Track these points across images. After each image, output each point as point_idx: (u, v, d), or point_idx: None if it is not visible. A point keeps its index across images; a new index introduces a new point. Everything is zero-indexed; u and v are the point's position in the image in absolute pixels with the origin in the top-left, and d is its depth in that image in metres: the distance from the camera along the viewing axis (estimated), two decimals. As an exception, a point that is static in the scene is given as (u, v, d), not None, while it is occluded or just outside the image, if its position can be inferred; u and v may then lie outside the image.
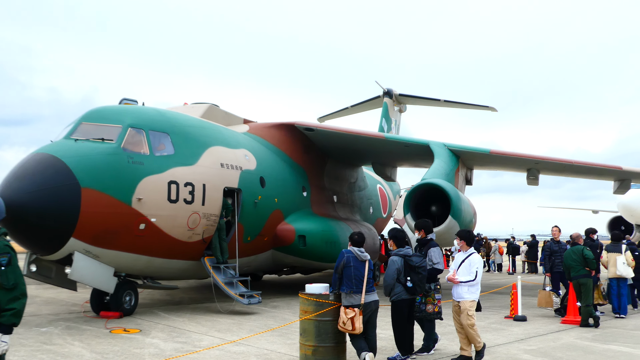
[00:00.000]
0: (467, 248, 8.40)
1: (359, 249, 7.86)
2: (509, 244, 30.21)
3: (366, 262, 7.76)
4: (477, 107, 27.34)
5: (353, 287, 7.56)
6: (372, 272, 7.88)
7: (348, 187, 20.21)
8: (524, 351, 8.99)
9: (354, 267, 7.64)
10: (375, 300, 7.77)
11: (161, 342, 9.24)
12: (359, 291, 7.55)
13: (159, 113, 13.05)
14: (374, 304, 7.76)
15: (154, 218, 11.67)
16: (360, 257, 7.75)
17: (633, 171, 19.08)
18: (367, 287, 7.65)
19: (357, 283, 7.58)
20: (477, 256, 8.28)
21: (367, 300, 7.60)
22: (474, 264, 8.15)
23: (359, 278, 7.60)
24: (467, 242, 8.47)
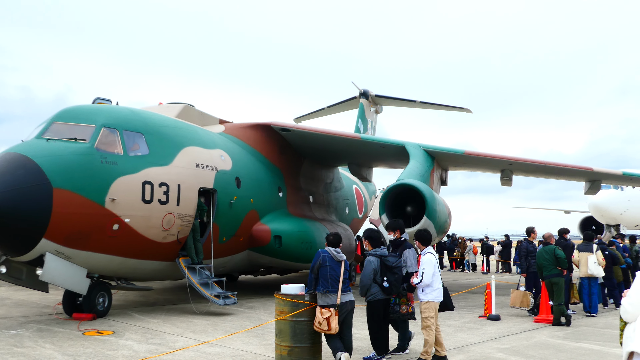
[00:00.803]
0: (423, 248, 8.49)
1: (335, 249, 7.89)
2: (483, 244, 30.54)
3: (342, 263, 7.79)
4: (453, 108, 27.60)
5: (329, 287, 7.58)
6: (348, 272, 7.90)
7: (324, 187, 20.23)
8: (497, 350, 9.10)
9: (330, 267, 7.66)
10: (350, 300, 7.79)
11: (135, 344, 9.14)
12: (335, 291, 7.57)
13: (133, 113, 12.91)
14: (350, 304, 7.78)
15: (127, 218, 11.54)
16: (336, 257, 7.78)
17: (603, 172, 19.42)
18: (343, 287, 7.66)
19: (332, 283, 7.60)
20: (426, 257, 8.28)
21: (343, 301, 7.62)
22: (422, 265, 8.22)
23: (334, 278, 7.62)
24: (422, 242, 8.56)
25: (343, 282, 7.67)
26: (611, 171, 19.79)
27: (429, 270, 8.13)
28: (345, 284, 7.72)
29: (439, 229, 15.62)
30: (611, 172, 19.75)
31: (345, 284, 7.73)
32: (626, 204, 32.85)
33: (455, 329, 11.12)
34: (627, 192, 32.68)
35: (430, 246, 8.67)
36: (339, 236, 8.19)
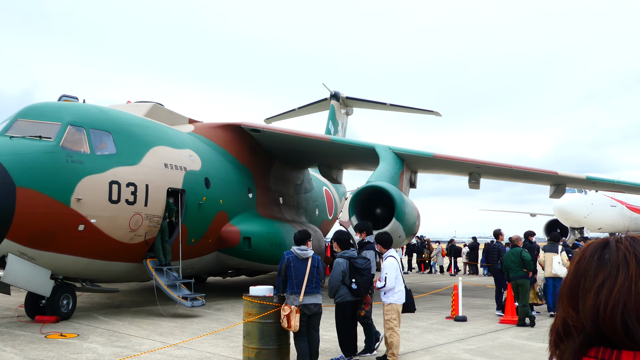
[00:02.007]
0: (385, 251, 8.55)
1: (300, 247, 7.73)
2: (451, 246, 30.89)
3: (308, 260, 7.61)
4: (422, 111, 27.85)
5: (294, 288, 7.49)
6: (317, 269, 7.65)
7: (294, 188, 20.21)
8: (463, 350, 9.20)
9: (294, 267, 7.56)
10: (315, 303, 7.61)
11: (100, 347, 8.99)
12: (299, 292, 7.51)
13: (101, 111, 12.70)
14: (315, 307, 7.62)
15: (93, 219, 11.34)
16: (300, 256, 7.63)
17: (568, 176, 19.83)
18: (310, 287, 7.50)
19: (297, 283, 7.50)
20: (388, 261, 8.34)
21: (307, 302, 7.48)
22: (385, 269, 8.28)
23: (299, 278, 7.52)
24: (383, 245, 8.62)
25: (310, 281, 7.50)
26: (575, 175, 20.21)
27: (392, 273, 8.19)
28: (311, 283, 7.53)
29: (407, 230, 15.74)
30: (575, 176, 20.17)
31: (312, 283, 7.54)
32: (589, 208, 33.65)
33: (422, 330, 11.22)
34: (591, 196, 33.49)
35: (392, 249, 8.73)
36: (306, 232, 8.03)
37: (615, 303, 1.15)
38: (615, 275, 1.19)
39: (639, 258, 1.20)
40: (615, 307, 1.15)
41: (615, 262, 1.21)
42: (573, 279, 1.26)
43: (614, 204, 35.72)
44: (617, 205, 36.08)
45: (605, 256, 1.23)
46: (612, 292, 1.17)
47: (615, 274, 1.19)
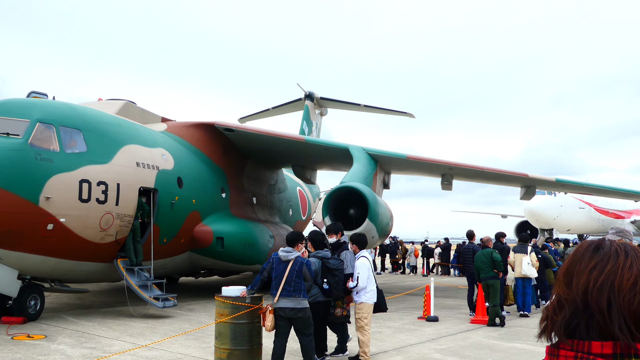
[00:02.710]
0: (359, 251, 8.61)
1: (286, 249, 7.54)
2: (424, 246, 31.12)
3: (289, 263, 7.36)
4: (396, 112, 28.01)
5: (273, 289, 7.40)
6: (298, 272, 7.33)
7: (268, 189, 20.15)
8: (435, 350, 9.28)
9: (275, 268, 7.44)
10: (292, 307, 7.29)
11: (68, 348, 8.84)
12: (276, 293, 7.42)
13: (71, 108, 12.49)
14: (290, 311, 7.28)
15: (63, 218, 11.15)
16: (282, 258, 7.44)
17: (538, 178, 20.15)
18: (287, 289, 7.26)
19: (275, 285, 7.38)
20: (360, 261, 8.40)
21: (282, 305, 7.28)
22: (357, 269, 8.33)
23: (277, 280, 7.37)
24: (359, 245, 8.68)
25: (287, 284, 7.26)
26: (545, 177, 20.56)
27: (364, 273, 8.25)
28: (289, 285, 7.27)
29: (381, 231, 15.82)
30: (545, 178, 20.51)
31: (290, 286, 7.27)
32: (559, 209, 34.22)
33: (394, 330, 11.28)
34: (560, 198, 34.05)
35: (365, 249, 8.77)
36: (297, 234, 7.88)
37: (603, 281, 1.40)
38: (607, 262, 1.44)
39: (627, 252, 1.45)
40: (603, 284, 1.40)
41: (607, 253, 1.47)
42: (569, 264, 1.51)
43: (582, 206, 36.38)
44: (586, 207, 36.76)
45: (599, 249, 1.49)
46: (602, 273, 1.42)
47: (606, 260, 1.45)
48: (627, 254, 1.45)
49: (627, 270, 1.41)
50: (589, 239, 1.55)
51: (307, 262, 7.51)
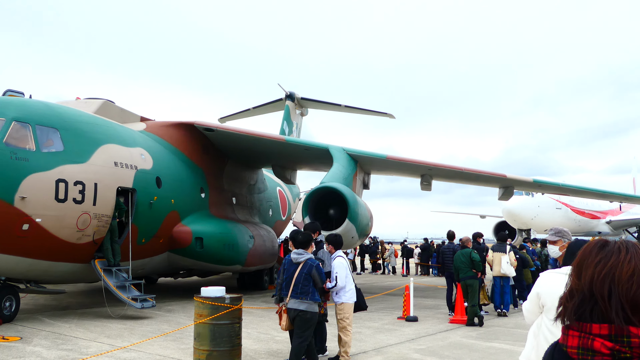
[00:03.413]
0: (334, 251, 8.64)
1: (296, 251, 7.69)
2: (403, 247, 31.27)
3: (299, 265, 7.52)
4: (376, 113, 28.09)
5: (284, 290, 7.60)
6: (306, 274, 7.48)
7: (247, 189, 20.08)
8: (414, 350, 9.32)
9: (287, 270, 7.65)
10: (295, 309, 7.45)
11: (44, 350, 8.71)
12: (286, 294, 7.54)
13: (48, 107, 12.31)
14: (294, 312, 7.47)
15: (39, 218, 10.99)
16: (293, 260, 7.62)
17: (516, 179, 20.36)
18: (296, 291, 7.44)
19: (286, 286, 7.60)
20: (337, 261, 8.43)
21: (290, 306, 7.51)
22: (334, 269, 8.37)
23: (288, 281, 7.59)
24: (334, 245, 8.72)
25: (295, 286, 7.44)
26: (523, 178, 20.77)
27: (342, 273, 8.27)
28: (297, 287, 7.43)
29: (360, 231, 15.86)
30: (523, 179, 20.73)
31: (298, 287, 7.43)
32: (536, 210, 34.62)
33: (374, 330, 11.31)
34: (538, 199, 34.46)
35: (340, 250, 8.78)
36: (307, 236, 7.95)
37: (606, 274, 1.69)
38: (610, 257, 1.73)
39: (628, 249, 1.73)
40: (605, 276, 1.69)
41: (611, 250, 1.76)
42: (579, 259, 1.82)
43: (559, 207, 36.86)
44: (563, 208, 37.25)
45: (604, 247, 1.79)
46: (605, 266, 1.71)
47: (609, 256, 1.73)
48: (628, 251, 1.72)
49: (627, 264, 1.69)
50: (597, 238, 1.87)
51: (317, 264, 7.65)
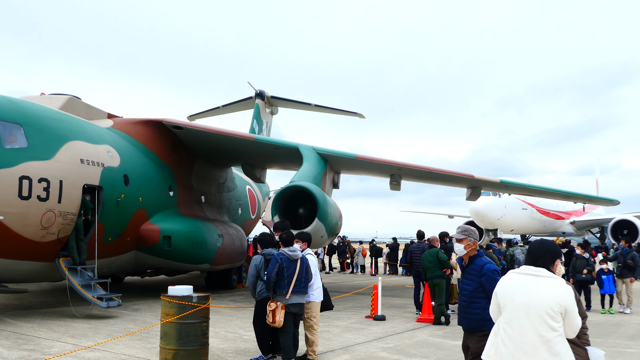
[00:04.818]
0: (306, 248, 8.71)
1: (290, 249, 8.03)
2: (372, 246, 31.46)
3: (298, 261, 7.91)
4: (346, 112, 28.19)
5: (285, 287, 7.75)
6: (306, 269, 8.01)
7: (217, 187, 19.96)
8: (381, 349, 9.39)
9: (286, 267, 7.82)
10: (297, 303, 7.90)
11: (5, 351, 8.52)
12: (288, 290, 7.75)
13: (11, 102, 12.04)
14: (294, 307, 7.87)
15: (1, 216, 10.75)
16: (291, 256, 7.90)
17: (483, 180, 20.65)
18: (299, 286, 7.84)
19: (287, 283, 7.77)
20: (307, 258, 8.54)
21: (293, 301, 7.79)
22: None
23: (289, 278, 7.79)
24: (307, 243, 8.81)
25: (298, 281, 7.82)
26: (490, 179, 21.09)
27: (312, 270, 8.32)
28: (300, 282, 7.86)
29: (330, 231, 15.90)
30: (490, 179, 21.05)
31: (301, 282, 7.87)
32: (503, 210, 35.23)
33: (342, 329, 11.36)
34: (504, 199, 35.07)
35: (308, 248, 8.84)
36: (291, 233, 8.34)
37: None
38: None
39: None
40: None
41: None
42: None
43: (525, 207, 37.56)
44: (528, 208, 37.97)
45: None
46: None
47: None
48: None
49: None
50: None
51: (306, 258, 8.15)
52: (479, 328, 5.31)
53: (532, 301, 3.85)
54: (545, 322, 3.80)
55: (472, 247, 5.60)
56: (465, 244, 5.58)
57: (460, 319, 5.56)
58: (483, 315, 5.28)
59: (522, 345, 3.84)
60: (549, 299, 3.82)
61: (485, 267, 5.43)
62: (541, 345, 3.79)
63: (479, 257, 5.56)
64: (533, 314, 3.83)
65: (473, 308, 5.39)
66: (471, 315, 5.40)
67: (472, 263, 5.55)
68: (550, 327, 3.80)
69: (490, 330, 5.25)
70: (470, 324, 5.41)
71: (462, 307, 5.52)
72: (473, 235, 5.65)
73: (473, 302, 5.40)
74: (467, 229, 5.71)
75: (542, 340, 3.79)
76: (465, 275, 5.57)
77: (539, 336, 3.80)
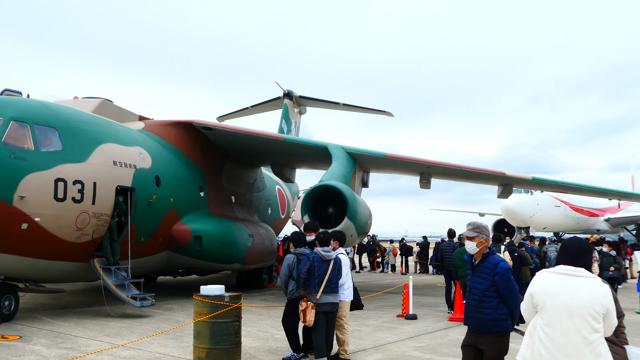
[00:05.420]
0: (338, 247, 8.68)
1: (323, 249, 8.05)
2: (402, 245, 31.28)
3: (331, 262, 7.96)
4: (375, 111, 28.10)
5: (315, 286, 7.79)
6: (338, 270, 8.08)
7: (246, 187, 20.08)
8: (413, 348, 9.34)
9: (317, 267, 7.86)
10: (331, 302, 7.93)
11: (44, 349, 8.72)
12: (319, 290, 7.79)
13: (46, 106, 12.30)
14: (327, 306, 7.89)
15: (38, 217, 10.99)
16: (324, 257, 7.94)
17: (515, 177, 20.35)
18: (330, 286, 7.87)
19: (318, 282, 7.82)
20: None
21: (323, 301, 7.82)
22: None
23: (320, 278, 7.83)
24: (340, 242, 8.79)
25: (329, 281, 7.87)
26: (522, 176, 20.78)
27: (343, 270, 8.31)
28: (332, 283, 7.90)
29: (359, 230, 15.86)
30: (522, 176, 20.74)
31: (332, 283, 7.92)
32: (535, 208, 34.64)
33: (373, 328, 11.32)
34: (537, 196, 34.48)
35: (341, 247, 8.83)
36: (328, 234, 8.40)
37: None
38: None
39: None
40: None
41: None
42: None
43: (558, 204, 36.87)
44: (561, 206, 37.26)
45: None
46: None
47: None
48: None
49: None
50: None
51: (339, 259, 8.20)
52: (490, 328, 5.17)
53: (575, 303, 3.78)
54: (588, 323, 3.74)
55: (484, 244, 5.40)
56: (478, 241, 5.34)
57: (468, 319, 5.37)
58: (495, 315, 5.16)
59: (565, 348, 3.77)
60: (592, 301, 3.75)
61: (499, 265, 5.22)
62: (584, 347, 3.73)
63: (491, 255, 5.34)
64: (576, 315, 3.76)
65: (484, 307, 5.21)
66: (482, 315, 5.22)
67: (485, 261, 5.32)
68: (594, 328, 3.74)
69: (503, 330, 5.20)
70: (481, 324, 5.23)
71: (472, 306, 5.33)
72: (485, 232, 5.43)
73: (484, 302, 5.22)
74: (479, 225, 5.47)
75: (586, 342, 3.73)
76: (477, 274, 5.35)
77: (583, 338, 3.74)
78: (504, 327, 5.20)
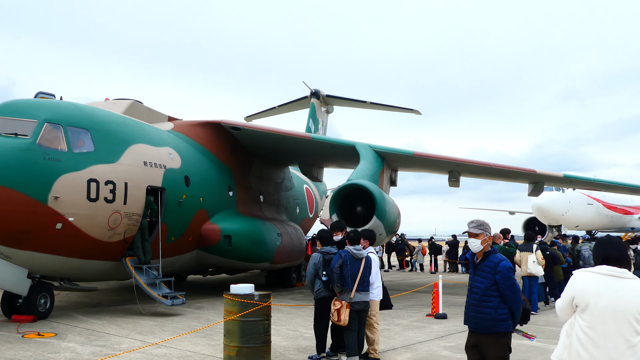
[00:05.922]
0: (368, 246, 8.66)
1: (355, 247, 8.08)
2: (431, 244, 31.05)
3: (362, 260, 7.99)
4: (402, 109, 27.95)
5: (348, 284, 7.82)
6: (369, 268, 8.14)
7: (275, 187, 20.16)
8: (443, 348, 9.27)
9: (350, 265, 7.89)
10: (363, 301, 7.97)
11: (78, 346, 8.89)
12: (352, 288, 7.82)
13: (78, 108, 12.54)
14: (360, 305, 7.94)
15: (71, 217, 11.20)
16: (356, 255, 7.97)
17: (546, 174, 20.03)
18: (362, 285, 7.92)
19: (351, 281, 7.84)
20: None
21: (356, 300, 7.85)
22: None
23: (353, 277, 7.85)
24: (370, 241, 8.77)
25: (362, 280, 7.91)
26: (553, 173, 20.43)
27: (373, 269, 8.29)
28: (363, 281, 7.94)
29: (388, 228, 15.79)
30: (553, 174, 20.39)
31: (364, 281, 7.96)
32: (567, 206, 34.03)
33: (403, 327, 11.27)
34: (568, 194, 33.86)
35: (371, 246, 8.81)
36: (358, 232, 8.43)
37: None
38: None
39: None
40: None
41: None
42: None
43: (590, 202, 36.16)
44: (594, 203, 36.54)
45: None
46: None
47: None
48: None
49: None
50: None
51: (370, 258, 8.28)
52: (490, 328, 5.10)
53: (620, 305, 3.71)
54: (632, 326, 3.68)
55: (487, 242, 5.32)
56: (482, 239, 5.26)
57: (468, 318, 5.31)
58: (495, 315, 5.09)
59: (607, 350, 3.71)
60: (637, 303, 3.70)
61: (500, 264, 5.14)
62: (627, 350, 3.67)
63: (493, 254, 5.26)
64: (620, 318, 3.69)
65: (484, 307, 5.14)
66: (482, 315, 5.15)
67: (486, 259, 5.24)
68: (637, 331, 3.68)
69: (503, 330, 5.11)
70: (481, 323, 5.16)
71: (472, 305, 5.25)
72: (488, 229, 5.34)
73: (485, 301, 5.15)
74: (483, 223, 5.37)
75: (628, 345, 3.67)
76: (478, 272, 5.27)
77: (626, 341, 3.68)
78: (505, 327, 5.13)
